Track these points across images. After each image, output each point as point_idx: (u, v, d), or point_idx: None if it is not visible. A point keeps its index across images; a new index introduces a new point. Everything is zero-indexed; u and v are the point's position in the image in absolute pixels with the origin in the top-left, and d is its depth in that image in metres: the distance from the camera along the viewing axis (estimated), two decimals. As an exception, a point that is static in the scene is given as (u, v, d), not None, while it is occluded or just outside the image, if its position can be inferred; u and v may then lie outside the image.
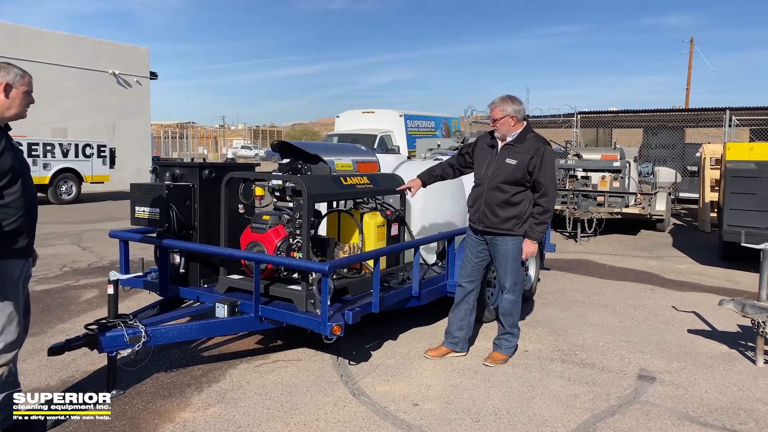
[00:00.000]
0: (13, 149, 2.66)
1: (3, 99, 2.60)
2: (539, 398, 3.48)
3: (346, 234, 4.35)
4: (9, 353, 2.66)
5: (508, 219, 3.81)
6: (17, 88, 2.63)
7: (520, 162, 3.75)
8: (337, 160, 4.57)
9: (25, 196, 2.66)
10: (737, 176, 7.13)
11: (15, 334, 2.66)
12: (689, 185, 15.28)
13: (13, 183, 2.60)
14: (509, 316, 4.04)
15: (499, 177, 3.81)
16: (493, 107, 3.87)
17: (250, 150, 52.85)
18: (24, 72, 2.68)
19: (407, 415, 3.23)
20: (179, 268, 4.17)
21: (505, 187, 3.79)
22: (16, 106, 2.65)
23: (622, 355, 4.27)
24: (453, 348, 4.13)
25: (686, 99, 29.68)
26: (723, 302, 4.26)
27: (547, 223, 3.85)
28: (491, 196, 3.84)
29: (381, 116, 15.52)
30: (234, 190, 4.12)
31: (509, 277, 3.95)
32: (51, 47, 19.02)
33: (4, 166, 2.55)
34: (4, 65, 2.64)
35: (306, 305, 3.64)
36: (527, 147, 3.78)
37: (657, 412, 3.33)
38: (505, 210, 3.80)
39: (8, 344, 2.63)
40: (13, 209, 2.60)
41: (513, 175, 3.77)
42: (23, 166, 2.71)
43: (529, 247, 3.85)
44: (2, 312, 2.61)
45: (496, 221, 3.83)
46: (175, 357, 4.06)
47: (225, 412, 3.23)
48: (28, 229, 2.73)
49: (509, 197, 3.79)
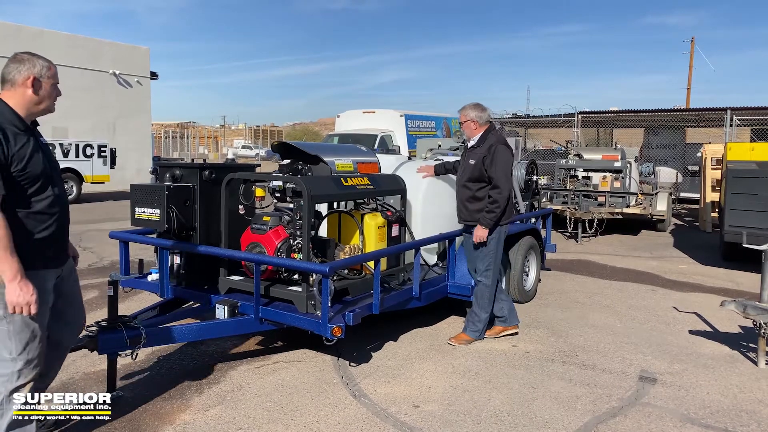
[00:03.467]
0: (43, 150, 2.46)
1: (31, 94, 2.41)
2: (540, 400, 3.47)
3: (346, 235, 4.34)
4: (34, 370, 2.48)
5: (477, 211, 4.31)
6: (45, 81, 2.45)
7: (477, 161, 4.28)
8: (338, 160, 4.56)
9: (57, 202, 2.49)
10: (738, 176, 7.11)
11: (37, 350, 2.46)
12: (690, 185, 15.26)
13: (44, 189, 2.42)
14: (479, 298, 4.40)
15: (464, 176, 4.38)
16: (459, 112, 4.49)
17: (250, 150, 52.80)
18: (50, 63, 2.49)
19: (408, 417, 3.22)
20: (179, 269, 4.16)
21: (469, 185, 4.34)
22: (45, 100, 2.48)
23: (624, 356, 4.26)
24: (504, 325, 4.58)
25: (687, 99, 29.69)
26: (724, 303, 4.25)
27: (496, 212, 4.23)
28: (461, 193, 4.43)
29: (381, 116, 15.52)
30: (234, 191, 4.11)
31: (481, 264, 4.37)
32: (51, 47, 18.98)
33: (35, 170, 2.37)
34: (27, 57, 2.43)
35: (306, 306, 3.63)
36: (483, 148, 4.28)
37: (658, 413, 3.32)
38: (472, 204, 4.34)
39: (29, 360, 2.44)
40: (44, 216, 2.44)
41: (473, 173, 4.30)
42: (54, 169, 2.53)
43: (478, 231, 4.26)
44: (27, 327, 2.41)
45: (467, 214, 4.39)
46: (175, 358, 4.05)
47: (225, 414, 3.22)
48: (60, 238, 2.55)
49: (474, 193, 4.33)
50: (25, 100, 2.41)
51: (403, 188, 4.55)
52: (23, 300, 2.29)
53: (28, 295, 2.30)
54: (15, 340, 2.39)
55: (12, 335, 2.39)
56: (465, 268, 4.66)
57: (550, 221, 6.32)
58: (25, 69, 2.40)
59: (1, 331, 2.38)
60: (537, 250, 5.75)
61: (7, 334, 2.38)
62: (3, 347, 2.40)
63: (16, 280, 2.27)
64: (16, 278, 2.27)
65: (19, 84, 2.40)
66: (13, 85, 2.40)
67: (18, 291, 2.27)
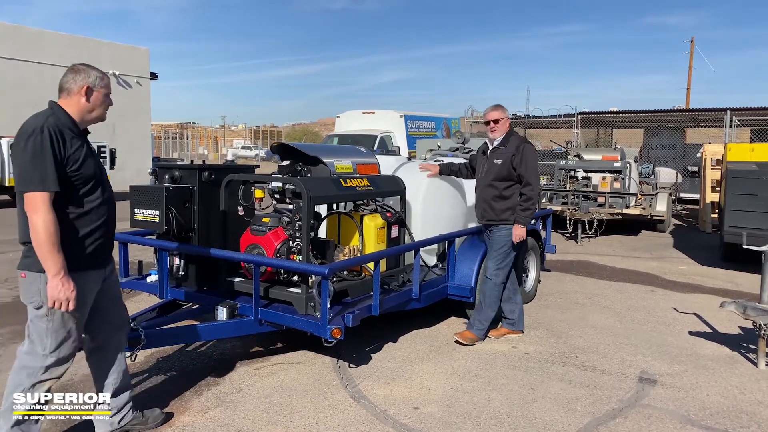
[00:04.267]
0: (94, 155, 2.60)
1: (84, 102, 2.57)
2: (540, 401, 3.47)
3: (346, 236, 4.34)
4: (61, 367, 2.59)
5: (504, 210, 4.38)
6: (98, 90, 2.60)
7: (504, 161, 4.36)
8: (337, 161, 4.56)
9: (106, 205, 2.62)
10: (738, 177, 7.11)
11: (69, 350, 2.58)
12: (690, 186, 15.27)
13: (95, 191, 2.56)
14: (487, 296, 4.44)
15: (490, 176, 4.43)
16: (491, 111, 4.49)
17: (250, 150, 52.78)
18: (103, 74, 2.66)
19: (407, 419, 3.22)
20: (179, 271, 4.15)
21: (496, 184, 4.40)
22: (97, 109, 2.62)
23: (623, 357, 4.25)
24: (510, 327, 4.65)
25: (687, 99, 29.67)
26: (724, 304, 4.24)
27: (531, 209, 4.35)
28: (486, 192, 4.46)
29: (381, 117, 15.51)
30: (234, 192, 4.11)
31: (494, 262, 4.43)
32: (51, 47, 19.02)
33: (87, 172, 2.51)
34: (83, 68, 2.60)
35: (306, 308, 3.62)
36: (510, 147, 4.40)
37: (658, 415, 3.32)
38: (498, 203, 4.39)
39: (61, 359, 2.56)
40: (93, 217, 2.55)
41: (500, 172, 4.37)
42: (103, 173, 2.66)
43: (517, 230, 4.34)
44: (64, 327, 2.53)
45: (493, 213, 4.42)
46: (174, 360, 4.05)
47: (224, 416, 3.21)
48: (107, 240, 2.67)
49: (501, 192, 4.39)
50: (79, 107, 2.57)
51: (402, 189, 4.54)
52: (63, 296, 2.39)
53: (68, 291, 2.40)
54: (51, 337, 2.51)
55: (50, 332, 2.51)
56: (465, 269, 4.66)
57: (549, 222, 6.32)
58: (80, 79, 2.56)
59: (40, 327, 2.51)
60: (537, 251, 5.74)
61: (45, 331, 2.51)
62: (39, 342, 2.52)
63: (59, 275, 2.37)
64: (59, 274, 2.37)
65: (74, 93, 2.56)
66: (69, 93, 2.56)
67: (60, 286, 2.37)
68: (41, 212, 2.32)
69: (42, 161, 2.34)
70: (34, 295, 2.49)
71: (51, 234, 2.33)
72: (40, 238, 2.33)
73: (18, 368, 2.57)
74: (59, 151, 2.39)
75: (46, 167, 2.34)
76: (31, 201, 2.33)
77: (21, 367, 2.56)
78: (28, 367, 2.54)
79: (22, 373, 2.55)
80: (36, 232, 2.33)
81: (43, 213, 2.32)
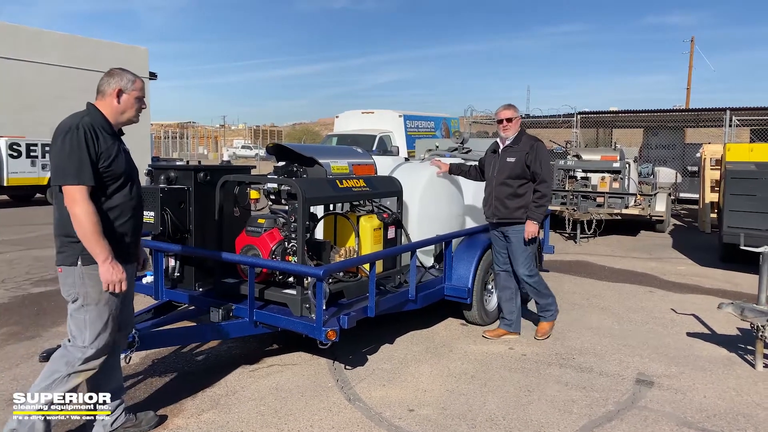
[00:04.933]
0: (126, 154, 2.73)
1: (116, 104, 2.68)
2: (536, 403, 3.45)
3: (342, 237, 4.32)
4: (98, 359, 2.67)
5: (518, 208, 4.41)
6: (129, 93, 2.71)
7: (518, 159, 4.39)
8: (333, 162, 4.55)
9: (134, 200, 2.75)
10: (737, 177, 7.09)
11: (105, 341, 2.66)
12: (689, 186, 15.24)
13: (125, 187, 2.68)
14: (538, 294, 4.59)
15: (503, 174, 4.44)
16: (504, 110, 4.53)
17: (250, 150, 52.81)
18: (135, 77, 2.76)
19: (402, 421, 3.20)
20: (174, 272, 4.14)
21: (510, 182, 4.41)
22: (128, 111, 2.73)
23: (621, 358, 4.24)
24: (507, 329, 4.65)
25: (687, 99, 29.64)
26: (722, 306, 4.23)
27: (545, 206, 4.41)
28: (499, 191, 4.46)
29: (380, 117, 15.48)
30: (229, 193, 4.09)
31: (523, 264, 4.47)
32: (50, 48, 19.02)
33: (118, 169, 2.62)
34: (118, 71, 2.72)
35: (301, 310, 3.61)
36: (523, 146, 4.43)
37: (655, 417, 3.30)
38: (513, 201, 4.41)
39: (99, 350, 2.65)
40: (122, 211, 2.66)
41: (514, 170, 4.39)
42: (134, 171, 2.79)
43: (530, 227, 4.38)
44: (100, 318, 2.62)
45: (506, 212, 4.43)
46: (169, 361, 4.03)
47: (219, 418, 3.20)
48: (134, 235, 2.79)
49: (515, 190, 4.41)
50: (112, 109, 2.70)
51: (399, 190, 4.52)
52: (116, 278, 2.53)
53: (120, 273, 2.55)
54: (90, 328, 2.60)
55: (87, 324, 2.60)
56: (462, 270, 4.64)
57: (548, 222, 6.30)
58: (114, 82, 2.69)
59: (78, 320, 2.61)
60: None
61: (83, 323, 2.60)
62: (78, 336, 2.62)
63: (108, 260, 2.51)
64: (108, 258, 2.51)
65: (108, 95, 2.69)
66: (104, 96, 2.70)
67: (111, 269, 2.52)
68: (81, 204, 2.45)
69: (78, 156, 2.47)
70: (70, 287, 2.59)
71: (94, 223, 2.46)
72: (84, 228, 2.46)
73: (58, 356, 2.65)
74: (93, 148, 2.52)
75: (82, 162, 2.47)
76: (70, 194, 2.46)
77: (61, 355, 2.65)
78: (67, 356, 2.63)
79: (61, 361, 2.63)
80: (80, 223, 2.45)
81: (83, 204, 2.45)
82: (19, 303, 5.50)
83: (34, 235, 9.79)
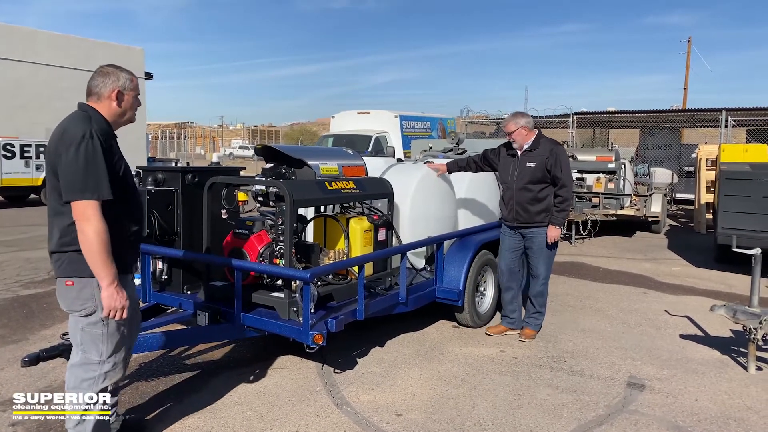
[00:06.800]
0: (124, 160, 2.57)
1: (115, 107, 2.52)
2: (526, 408, 3.42)
3: (332, 239, 4.28)
4: (119, 371, 2.59)
5: (539, 212, 4.46)
6: (128, 93, 2.55)
7: (538, 164, 4.42)
8: (323, 164, 4.50)
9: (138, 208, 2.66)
10: (731, 178, 7.06)
11: (123, 353, 2.59)
12: (686, 186, 15.23)
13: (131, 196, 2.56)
14: (540, 296, 4.63)
15: (523, 179, 4.47)
16: (507, 123, 4.54)
17: (248, 149, 52.70)
18: (131, 75, 2.59)
19: (390, 426, 3.16)
20: (161, 275, 4.10)
21: (531, 187, 4.45)
22: (128, 112, 2.58)
23: (612, 361, 4.21)
24: (510, 326, 4.72)
25: (684, 99, 29.66)
26: (714, 308, 4.20)
27: (567, 210, 4.51)
28: (520, 195, 4.49)
29: (376, 117, 15.44)
30: (217, 195, 4.05)
31: (543, 267, 4.56)
32: (45, 48, 18.92)
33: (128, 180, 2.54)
34: (111, 70, 2.53)
35: (289, 313, 3.56)
36: (542, 150, 4.44)
37: (645, 421, 3.27)
38: (534, 205, 4.46)
39: (118, 362, 2.56)
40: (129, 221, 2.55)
41: (534, 175, 4.43)
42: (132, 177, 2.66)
43: (552, 231, 4.48)
44: (118, 331, 2.51)
45: (528, 216, 4.49)
46: (156, 366, 3.99)
47: (203, 424, 3.16)
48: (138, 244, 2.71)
49: (536, 194, 4.45)
50: (111, 112, 2.52)
51: (390, 191, 4.48)
52: (119, 304, 2.38)
53: (123, 299, 2.39)
54: (108, 342, 2.48)
55: (106, 338, 2.47)
56: (453, 272, 4.61)
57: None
58: (110, 82, 2.50)
59: (95, 334, 2.46)
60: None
61: (101, 337, 2.46)
62: (93, 350, 2.47)
63: (114, 284, 2.35)
64: (114, 283, 2.35)
65: (105, 97, 2.50)
66: (100, 98, 2.50)
67: (115, 295, 2.36)
68: (93, 221, 2.26)
69: (95, 169, 2.29)
70: (87, 300, 2.42)
71: (104, 242, 2.29)
72: (93, 248, 2.27)
73: (75, 385, 2.49)
74: (109, 157, 2.37)
75: (99, 175, 2.29)
76: (82, 210, 2.27)
77: (80, 381, 2.49)
78: (87, 380, 2.48)
79: (82, 387, 2.49)
80: (88, 241, 2.27)
81: (95, 222, 2.27)
82: (8, 305, 5.44)
83: (27, 237, 9.72)
